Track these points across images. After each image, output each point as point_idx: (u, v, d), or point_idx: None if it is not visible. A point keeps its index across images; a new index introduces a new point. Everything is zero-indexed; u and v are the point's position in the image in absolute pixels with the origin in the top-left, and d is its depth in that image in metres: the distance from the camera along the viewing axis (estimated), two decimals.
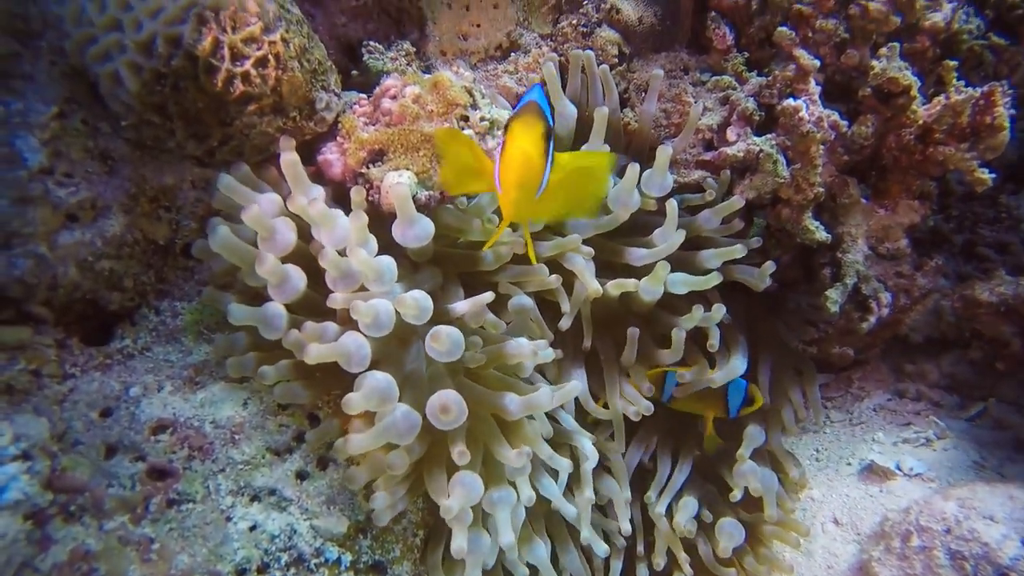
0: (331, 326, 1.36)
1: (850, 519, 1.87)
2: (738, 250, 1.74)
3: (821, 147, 1.72)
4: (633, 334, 1.75)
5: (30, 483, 1.01)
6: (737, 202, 1.77)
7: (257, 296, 1.47)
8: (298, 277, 1.36)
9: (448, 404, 1.29)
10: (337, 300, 1.37)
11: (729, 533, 1.75)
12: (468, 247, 1.66)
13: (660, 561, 1.80)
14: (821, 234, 1.83)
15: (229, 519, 1.29)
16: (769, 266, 1.80)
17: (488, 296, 1.48)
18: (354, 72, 1.90)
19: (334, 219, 1.39)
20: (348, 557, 1.35)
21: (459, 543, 1.32)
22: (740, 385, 1.82)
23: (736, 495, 1.75)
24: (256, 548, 1.28)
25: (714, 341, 1.76)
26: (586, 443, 1.63)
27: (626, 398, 1.77)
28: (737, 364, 1.80)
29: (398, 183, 1.45)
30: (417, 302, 1.32)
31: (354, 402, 1.28)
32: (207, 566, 1.22)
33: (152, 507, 1.24)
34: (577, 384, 1.55)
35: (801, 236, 1.85)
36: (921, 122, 1.74)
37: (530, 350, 1.45)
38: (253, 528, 1.30)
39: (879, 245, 1.92)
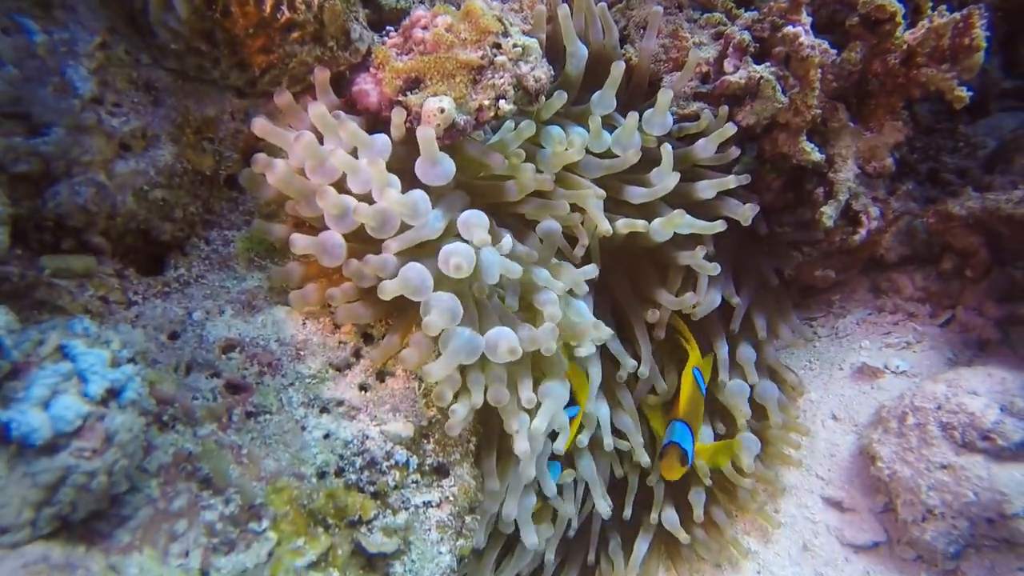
0: (390, 258, 1.43)
1: (847, 414, 2.07)
2: (730, 181, 1.88)
3: (819, 71, 1.85)
4: (660, 318, 1.95)
5: (141, 386, 1.06)
6: (729, 129, 1.88)
7: (302, 224, 1.53)
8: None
9: (515, 348, 1.41)
10: (392, 247, 1.42)
11: (748, 448, 1.92)
12: (492, 179, 1.73)
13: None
14: (816, 155, 1.97)
15: (304, 428, 1.37)
16: (753, 206, 1.94)
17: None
18: (365, 10, 1.93)
19: (357, 167, 1.43)
20: (415, 460, 1.44)
21: (523, 446, 1.45)
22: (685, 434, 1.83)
23: (742, 421, 1.92)
24: (332, 453, 1.36)
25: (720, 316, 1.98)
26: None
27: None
28: (714, 298, 1.98)
29: (437, 110, 1.51)
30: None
31: (434, 324, 1.38)
32: (292, 469, 1.29)
33: (235, 417, 1.30)
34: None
35: (797, 158, 1.99)
36: (906, 46, 1.89)
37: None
38: (327, 436, 1.38)
39: (867, 164, 2.08)
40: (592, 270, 1.69)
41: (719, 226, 1.86)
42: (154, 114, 1.42)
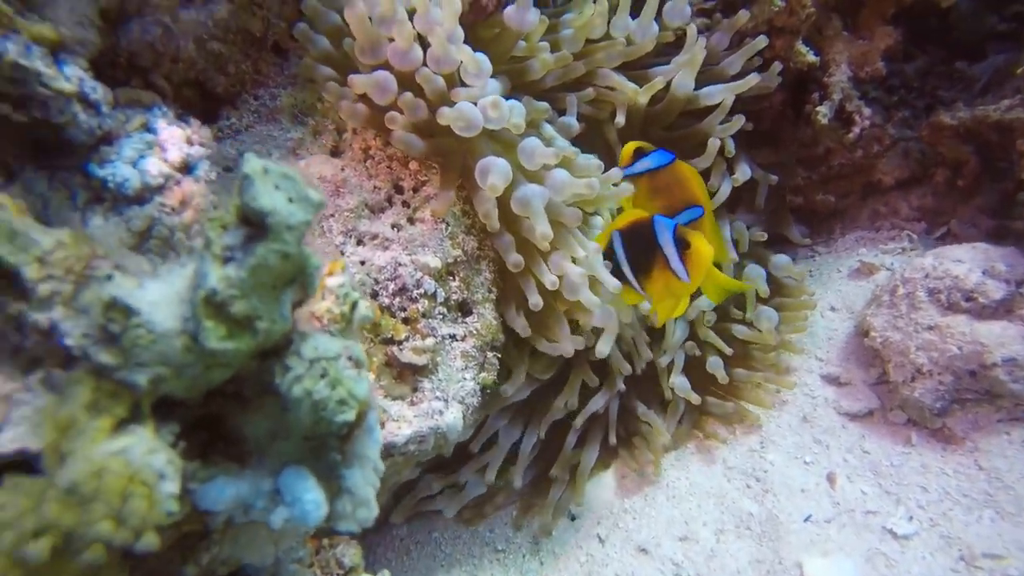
0: (439, 79, 1.56)
1: (844, 304, 2.19)
2: (761, 41, 2.00)
3: None
4: None
5: (211, 168, 1.20)
6: (744, 15, 2.03)
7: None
8: (420, 50, 1.55)
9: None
10: (461, 94, 1.56)
11: (768, 317, 2.04)
12: (515, 60, 1.88)
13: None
14: (811, 56, 2.12)
15: (343, 253, 1.51)
16: (776, 66, 2.07)
17: None
18: None
19: (429, 5, 1.54)
20: (442, 292, 1.58)
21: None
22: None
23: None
24: (368, 276, 1.50)
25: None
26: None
27: None
28: (745, 169, 2.09)
29: None
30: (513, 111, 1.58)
31: (497, 185, 1.52)
32: None
33: None
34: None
35: (794, 60, 2.14)
36: None
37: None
38: (363, 263, 1.52)
39: (860, 70, 2.22)
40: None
41: (753, 79, 1.95)
42: None
